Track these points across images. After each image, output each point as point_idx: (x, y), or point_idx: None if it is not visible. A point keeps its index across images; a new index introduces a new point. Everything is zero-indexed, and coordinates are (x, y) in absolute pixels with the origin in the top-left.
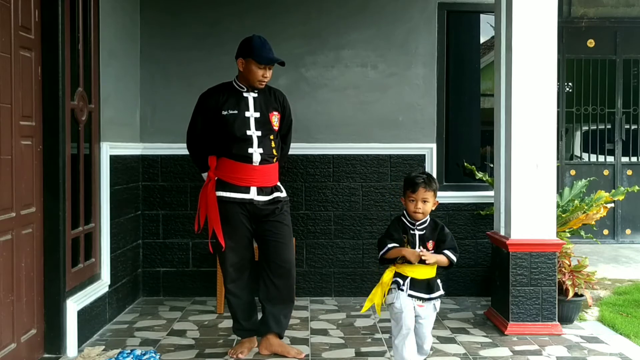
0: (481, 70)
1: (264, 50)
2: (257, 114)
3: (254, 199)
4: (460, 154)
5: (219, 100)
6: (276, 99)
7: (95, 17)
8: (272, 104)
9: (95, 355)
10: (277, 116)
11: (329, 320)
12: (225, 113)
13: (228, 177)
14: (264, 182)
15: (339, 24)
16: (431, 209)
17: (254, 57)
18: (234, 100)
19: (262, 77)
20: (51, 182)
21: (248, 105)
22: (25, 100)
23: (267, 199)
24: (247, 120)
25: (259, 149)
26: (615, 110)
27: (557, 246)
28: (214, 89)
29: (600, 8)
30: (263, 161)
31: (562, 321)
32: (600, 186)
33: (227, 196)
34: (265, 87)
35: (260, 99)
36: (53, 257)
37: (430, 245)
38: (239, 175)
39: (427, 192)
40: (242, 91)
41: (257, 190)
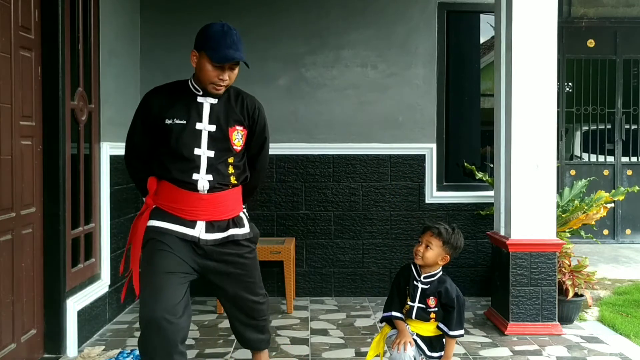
0: (481, 70)
1: (222, 44)
2: (212, 127)
3: (200, 237)
4: (460, 154)
5: (164, 103)
6: (244, 107)
7: (95, 17)
8: (234, 115)
9: (95, 355)
10: (241, 132)
11: (329, 320)
12: (169, 122)
13: (167, 207)
14: (215, 215)
15: (339, 24)
16: (437, 262)
17: (207, 50)
18: (184, 106)
19: (218, 80)
20: (51, 182)
21: (201, 114)
22: (25, 100)
23: (220, 237)
24: (197, 135)
25: (207, 176)
26: (615, 110)
27: (557, 246)
28: (161, 88)
29: (600, 8)
30: (213, 189)
31: (562, 321)
32: (600, 186)
33: (165, 227)
34: (232, 90)
35: (219, 108)
36: (53, 257)
37: (431, 302)
38: (180, 205)
39: (433, 238)
40: (197, 95)
41: (205, 226)
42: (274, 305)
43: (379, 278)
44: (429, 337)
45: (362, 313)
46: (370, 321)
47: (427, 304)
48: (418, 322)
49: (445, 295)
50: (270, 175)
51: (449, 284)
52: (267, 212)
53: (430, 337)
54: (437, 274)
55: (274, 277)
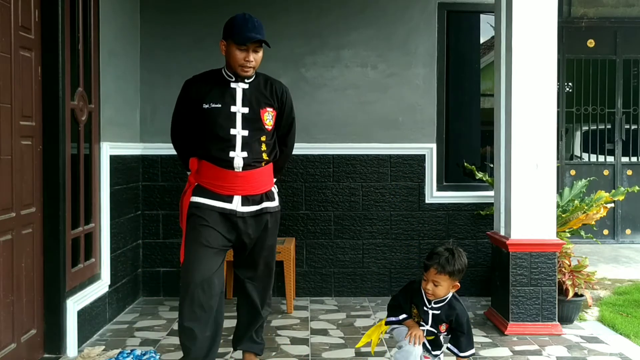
0: (481, 70)
1: (244, 29)
2: (246, 109)
3: (237, 210)
4: (460, 154)
5: (201, 89)
6: (273, 92)
7: (95, 17)
8: (265, 98)
9: (95, 355)
10: (271, 113)
11: (329, 320)
12: (206, 106)
13: (208, 184)
14: (250, 190)
15: (339, 24)
16: (449, 292)
17: (232, 36)
18: (219, 92)
19: (244, 61)
20: (51, 182)
21: (235, 98)
22: (25, 100)
23: (254, 210)
24: (232, 117)
25: (242, 153)
26: (615, 110)
27: (557, 246)
28: (199, 76)
29: (600, 8)
30: (247, 166)
31: (562, 321)
32: (600, 186)
33: (205, 203)
34: (262, 77)
35: (251, 91)
36: (53, 257)
37: (443, 328)
38: (219, 182)
39: (439, 275)
40: (230, 81)
41: (241, 200)
42: (274, 305)
43: (379, 278)
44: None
45: (362, 313)
46: (370, 321)
47: (438, 329)
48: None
49: (456, 321)
50: None
51: (459, 309)
52: None
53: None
54: (447, 298)
55: (274, 277)
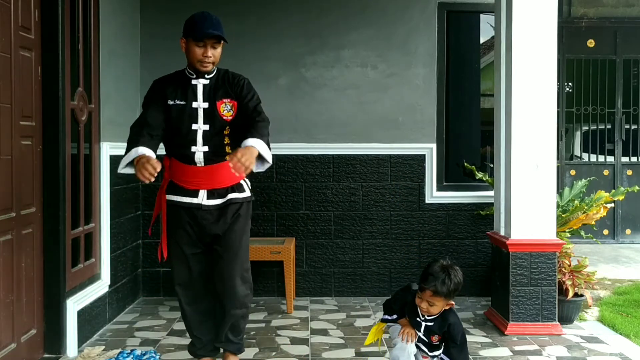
0: (481, 70)
1: (202, 26)
2: (206, 104)
3: (202, 203)
4: (460, 154)
5: (167, 89)
6: (228, 82)
7: (95, 17)
8: (221, 91)
9: (95, 355)
10: (229, 104)
11: (329, 320)
12: (171, 103)
13: (177, 179)
14: (214, 184)
15: (339, 24)
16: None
17: (191, 33)
18: (182, 90)
19: (203, 57)
20: (51, 182)
21: (196, 94)
22: (25, 100)
23: (219, 202)
24: (194, 112)
25: (203, 147)
26: (615, 110)
27: (557, 246)
28: (165, 77)
29: (600, 8)
30: (209, 161)
31: (562, 321)
32: (600, 186)
33: (176, 200)
34: (221, 71)
35: (210, 86)
36: (53, 257)
37: (435, 339)
38: (184, 177)
39: (435, 297)
40: (192, 78)
41: (206, 194)
42: (274, 305)
43: (379, 278)
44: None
45: (362, 313)
46: (370, 321)
47: (430, 340)
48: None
49: (449, 332)
50: (270, 175)
51: (453, 321)
52: (267, 212)
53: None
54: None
55: (274, 277)
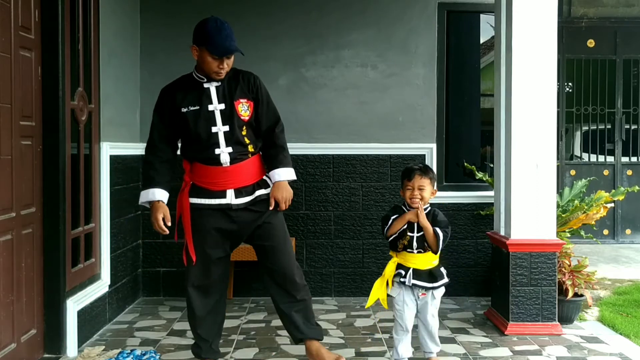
0: (481, 70)
1: (218, 38)
2: (222, 105)
3: (232, 202)
4: (460, 154)
5: (178, 96)
6: (244, 82)
7: (95, 17)
8: (237, 91)
9: (95, 355)
10: (246, 104)
11: (329, 320)
12: (185, 110)
13: (200, 182)
14: (240, 182)
15: (339, 24)
16: (430, 198)
17: (207, 46)
18: (194, 94)
19: (219, 69)
20: (51, 182)
21: (210, 97)
22: (25, 100)
23: (248, 200)
24: (211, 115)
25: (227, 148)
26: (615, 110)
27: (557, 246)
28: (172, 84)
29: (600, 8)
30: (234, 160)
31: (562, 321)
32: (600, 186)
33: (202, 203)
34: (231, 71)
35: (223, 87)
36: (53, 257)
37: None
38: (210, 179)
39: (423, 179)
40: (202, 82)
41: (234, 193)
42: None
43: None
44: (428, 270)
45: (362, 313)
46: (370, 321)
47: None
48: (419, 255)
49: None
50: None
51: (436, 212)
52: None
53: (430, 269)
54: (427, 208)
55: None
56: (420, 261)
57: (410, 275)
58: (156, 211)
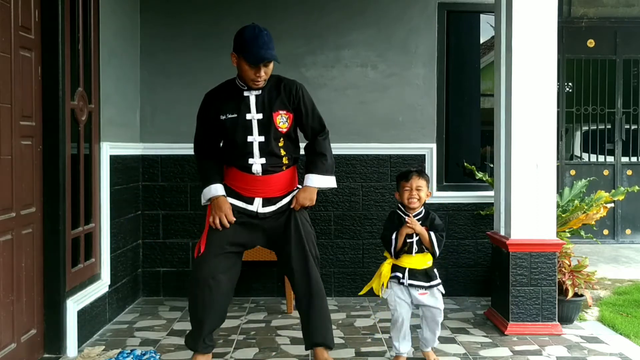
0: (481, 70)
1: (254, 46)
2: (260, 115)
3: (258, 211)
4: (460, 154)
5: (218, 102)
6: (285, 92)
7: (95, 17)
8: (277, 102)
9: (95, 355)
10: (285, 116)
11: None
12: (223, 117)
13: (233, 185)
14: (270, 193)
15: (339, 24)
16: (425, 199)
17: (244, 53)
18: (234, 102)
19: (256, 77)
20: (51, 182)
21: (249, 106)
22: (25, 100)
23: (275, 209)
24: (248, 124)
25: (260, 159)
26: (615, 110)
27: (557, 246)
28: (215, 90)
29: (600, 8)
30: (267, 172)
31: (562, 321)
32: (600, 186)
33: (231, 203)
34: (274, 79)
35: (264, 97)
36: (53, 257)
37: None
38: (241, 184)
39: (420, 180)
40: (243, 90)
41: (262, 202)
42: (274, 305)
43: None
44: (424, 270)
45: (362, 313)
46: (370, 321)
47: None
48: (416, 255)
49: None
50: None
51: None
52: None
53: (426, 269)
54: (422, 212)
55: (273, 277)
56: (417, 261)
57: (407, 276)
58: (223, 204)
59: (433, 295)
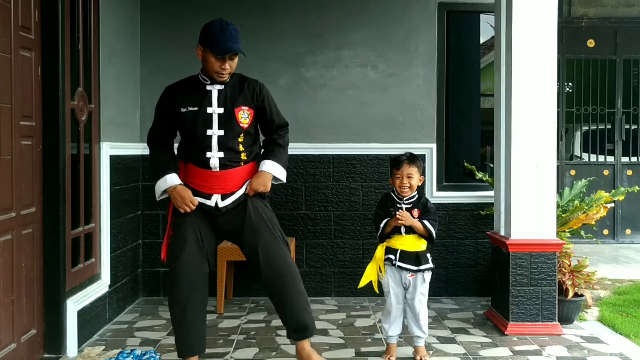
0: (481, 70)
1: (221, 38)
2: (221, 109)
3: (218, 204)
4: (460, 154)
5: (179, 95)
6: (248, 90)
7: (95, 17)
8: (240, 98)
9: (95, 355)
10: (247, 112)
11: (329, 320)
12: (184, 110)
13: (191, 183)
14: (227, 189)
15: (339, 24)
16: (417, 185)
17: (210, 45)
18: (196, 95)
19: (220, 69)
20: (51, 182)
21: (211, 99)
22: (25, 100)
23: (234, 200)
24: (208, 118)
25: (218, 153)
26: (615, 110)
27: (557, 246)
28: (177, 83)
29: (600, 8)
30: (224, 166)
31: (562, 321)
32: (600, 186)
33: None
34: (237, 76)
35: (226, 91)
36: (53, 257)
37: (415, 213)
38: (199, 181)
39: (411, 167)
40: (206, 84)
41: (220, 196)
42: None
43: None
44: (415, 253)
45: (362, 313)
46: (370, 321)
47: (412, 215)
48: (407, 237)
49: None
50: None
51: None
52: None
53: (417, 252)
54: (415, 195)
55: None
56: (409, 243)
57: (397, 257)
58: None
59: (418, 279)
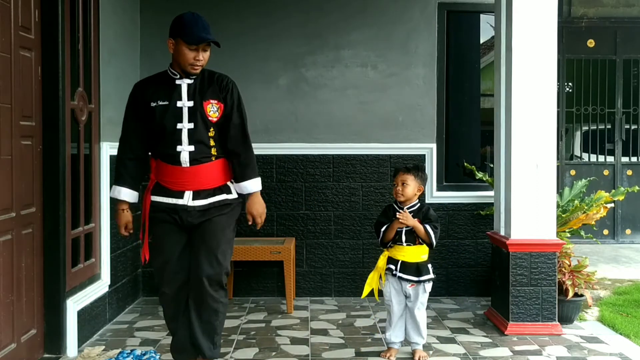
0: (481, 70)
1: (194, 28)
2: (191, 102)
3: (188, 204)
4: (460, 154)
5: (149, 90)
6: (217, 83)
7: (95, 17)
8: (209, 91)
9: (95, 355)
10: (216, 105)
11: (329, 320)
12: (154, 105)
13: (162, 181)
14: (199, 186)
15: (339, 24)
16: (415, 194)
17: (183, 36)
18: (165, 90)
19: (194, 60)
20: (51, 182)
21: (181, 93)
22: (25, 100)
23: (206, 203)
24: (178, 111)
25: (189, 147)
26: (615, 110)
27: (557, 246)
28: (146, 79)
29: (600, 8)
30: (195, 161)
31: (562, 321)
32: (600, 186)
33: (159, 201)
34: (206, 71)
35: (195, 85)
36: (53, 257)
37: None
38: (169, 178)
39: (406, 175)
40: (175, 78)
41: (192, 195)
42: (274, 305)
43: None
44: (416, 264)
45: (362, 313)
46: (370, 321)
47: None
48: (407, 247)
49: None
50: (270, 175)
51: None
52: (267, 212)
53: (417, 263)
54: (417, 204)
55: (274, 277)
56: (410, 254)
57: (398, 268)
58: (118, 218)
59: (418, 289)
